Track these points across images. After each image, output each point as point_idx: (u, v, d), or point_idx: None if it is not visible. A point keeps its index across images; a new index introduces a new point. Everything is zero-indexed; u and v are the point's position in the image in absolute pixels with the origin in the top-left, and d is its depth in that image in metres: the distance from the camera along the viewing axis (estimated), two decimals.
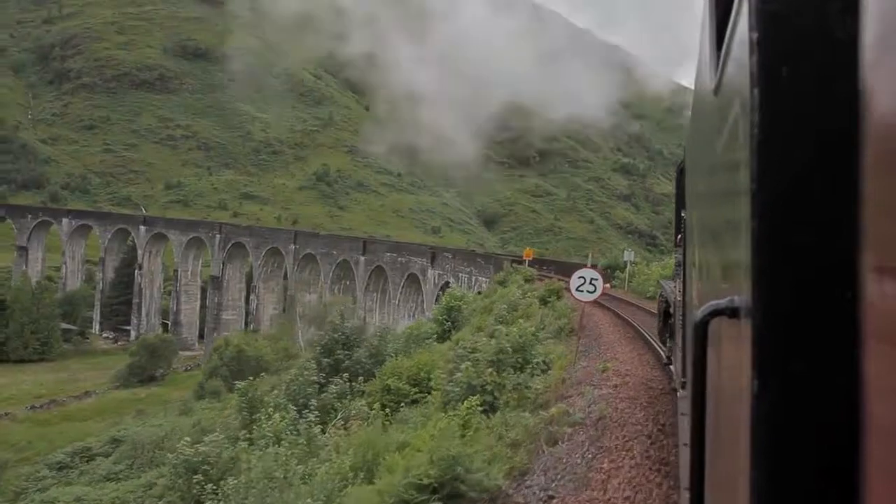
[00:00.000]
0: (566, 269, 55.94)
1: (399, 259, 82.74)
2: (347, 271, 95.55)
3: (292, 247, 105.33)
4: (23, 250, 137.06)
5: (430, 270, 73.32)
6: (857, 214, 1.33)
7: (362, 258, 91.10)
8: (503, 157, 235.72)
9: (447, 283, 69.38)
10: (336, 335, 31.95)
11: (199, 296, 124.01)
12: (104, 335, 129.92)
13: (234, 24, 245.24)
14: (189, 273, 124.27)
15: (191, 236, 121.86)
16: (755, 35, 1.51)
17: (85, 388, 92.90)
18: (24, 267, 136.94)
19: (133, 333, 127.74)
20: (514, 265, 52.53)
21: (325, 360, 30.98)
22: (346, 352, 30.75)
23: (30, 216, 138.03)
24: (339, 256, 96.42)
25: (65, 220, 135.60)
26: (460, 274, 66.74)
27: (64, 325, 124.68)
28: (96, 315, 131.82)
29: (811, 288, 1.43)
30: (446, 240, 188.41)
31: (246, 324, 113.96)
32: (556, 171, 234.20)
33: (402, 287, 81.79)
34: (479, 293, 47.09)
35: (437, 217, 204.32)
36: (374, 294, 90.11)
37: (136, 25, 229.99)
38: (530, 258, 52.06)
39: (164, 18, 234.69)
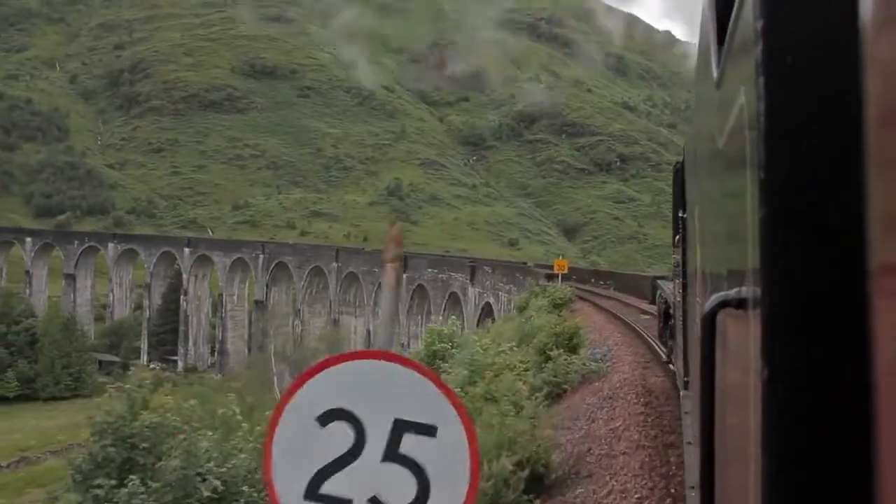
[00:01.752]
0: (633, 285, 40.92)
1: (440, 276, 68.97)
2: None
3: (335, 265, 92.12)
4: (70, 278, 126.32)
5: (470, 289, 59.17)
6: (865, 202, 1.30)
7: (404, 276, 77.26)
8: (583, 164, 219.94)
9: (488, 305, 55.65)
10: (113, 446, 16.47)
11: (246, 322, 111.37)
12: (151, 366, 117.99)
13: (304, 41, 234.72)
14: (235, 297, 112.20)
15: (235, 258, 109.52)
16: (760, 23, 1.48)
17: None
18: (71, 296, 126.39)
19: (180, 364, 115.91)
20: (544, 282, 37.90)
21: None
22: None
23: (76, 242, 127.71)
24: (380, 274, 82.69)
25: (111, 245, 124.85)
26: (500, 293, 52.50)
27: (107, 357, 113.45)
28: (144, 345, 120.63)
29: (820, 276, 1.40)
30: (525, 252, 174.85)
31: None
32: (638, 176, 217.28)
33: (444, 309, 67.87)
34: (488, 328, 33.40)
35: (515, 228, 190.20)
36: (419, 317, 76.23)
37: (204, 46, 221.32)
38: (564, 271, 37.36)
39: (231, 38, 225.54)
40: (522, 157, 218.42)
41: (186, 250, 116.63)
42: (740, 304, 2.03)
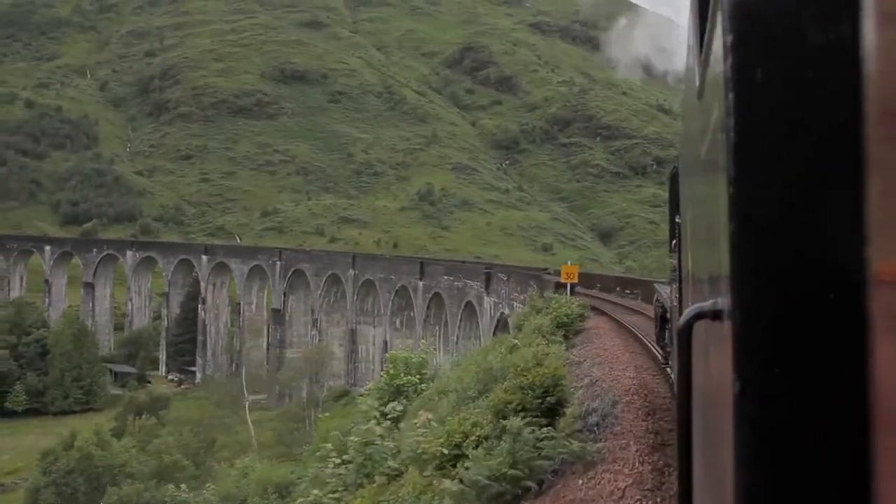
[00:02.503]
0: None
1: (455, 284, 62.80)
2: (408, 300, 75.86)
3: (351, 272, 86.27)
4: (89, 287, 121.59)
5: (485, 298, 52.93)
6: (836, 216, 1.31)
7: (420, 283, 71.39)
8: (618, 167, 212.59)
9: (504, 317, 49.46)
10: None
11: (265, 332, 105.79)
12: (169, 377, 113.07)
13: (335, 46, 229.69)
14: (253, 306, 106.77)
15: (252, 265, 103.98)
16: (729, 38, 1.47)
17: None
18: (90, 305, 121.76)
19: (198, 375, 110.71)
20: (550, 293, 31.32)
21: None
22: None
23: (95, 250, 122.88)
24: (398, 282, 76.86)
25: (129, 253, 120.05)
26: (514, 303, 46.23)
27: (122, 369, 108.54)
28: (162, 355, 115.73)
29: (791, 290, 1.40)
30: (559, 257, 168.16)
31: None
32: None
33: (461, 319, 61.72)
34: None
35: (548, 233, 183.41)
36: (436, 328, 70.13)
37: (234, 52, 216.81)
38: (573, 280, 31.03)
39: (261, 43, 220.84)
40: (556, 161, 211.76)
41: (204, 258, 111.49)
42: (716, 315, 1.99)
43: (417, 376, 20.26)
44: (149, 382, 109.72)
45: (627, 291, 43.98)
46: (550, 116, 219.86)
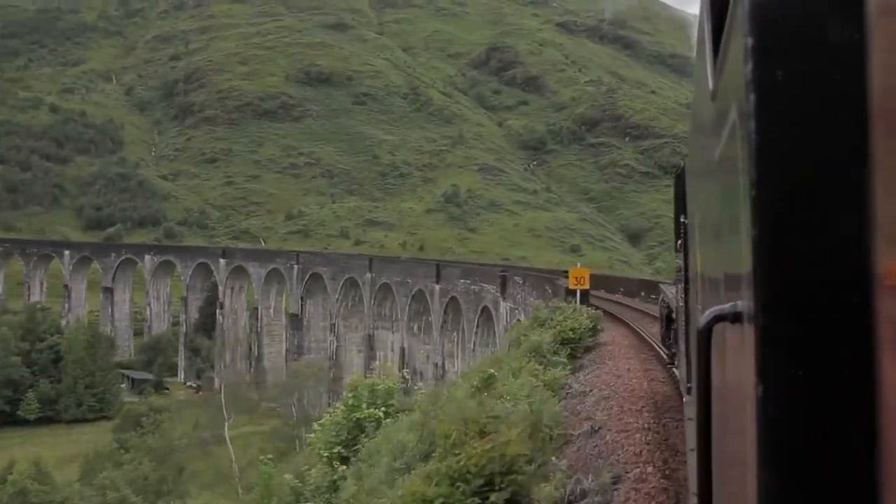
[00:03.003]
0: None
1: (472, 287, 58.71)
2: (425, 304, 71.90)
3: (368, 275, 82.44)
4: (108, 292, 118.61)
5: (501, 303, 48.88)
6: (861, 219, 1.30)
7: (437, 287, 67.35)
8: (647, 167, 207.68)
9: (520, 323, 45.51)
10: None
11: (284, 337, 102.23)
12: (188, 384, 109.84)
13: (360, 47, 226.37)
14: (271, 311, 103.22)
15: (270, 268, 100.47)
16: (750, 41, 1.46)
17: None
18: (109, 310, 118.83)
19: (217, 381, 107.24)
20: (556, 301, 27.14)
21: None
22: None
23: (113, 255, 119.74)
24: (415, 285, 72.94)
25: (147, 257, 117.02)
26: (530, 308, 42.15)
27: (140, 375, 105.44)
28: (181, 361, 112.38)
29: (813, 293, 1.39)
30: (587, 259, 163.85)
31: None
32: None
33: (477, 325, 57.63)
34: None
35: (577, 234, 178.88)
36: (454, 334, 66.14)
37: (259, 55, 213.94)
38: (584, 286, 25.05)
39: (286, 46, 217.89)
40: (584, 161, 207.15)
41: (222, 261, 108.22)
42: (736, 318, 1.99)
43: (383, 408, 16.29)
44: (166, 389, 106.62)
45: (653, 296, 39.97)
46: (578, 116, 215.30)
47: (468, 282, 59.56)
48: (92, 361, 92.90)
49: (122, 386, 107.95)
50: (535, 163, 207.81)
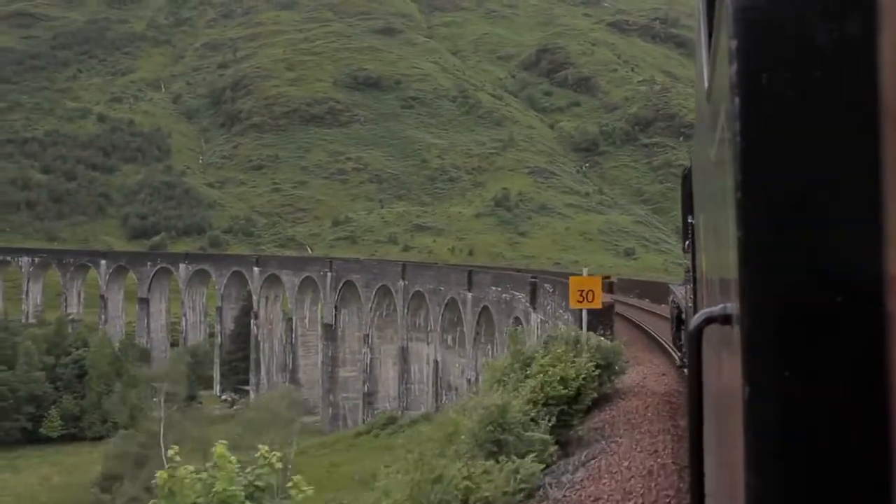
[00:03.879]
0: None
1: (503, 296, 51.48)
2: (458, 314, 64.76)
3: (401, 283, 75.57)
4: (144, 302, 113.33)
5: (532, 314, 41.68)
6: (846, 222, 1.31)
7: (469, 295, 60.22)
8: None
9: (549, 339, 38.55)
10: None
11: (319, 348, 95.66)
12: (223, 397, 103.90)
13: (409, 51, 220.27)
14: (306, 321, 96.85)
15: (303, 276, 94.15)
16: (734, 43, 1.44)
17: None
18: (145, 321, 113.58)
19: (252, 395, 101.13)
20: (565, 323, 19.58)
21: None
22: None
23: (149, 264, 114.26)
24: (447, 293, 65.79)
25: (182, 266, 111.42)
26: (559, 321, 35.29)
27: (172, 388, 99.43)
28: (216, 374, 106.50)
29: (799, 295, 1.38)
30: (641, 262, 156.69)
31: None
32: None
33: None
34: None
35: (631, 237, 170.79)
36: (487, 346, 58.87)
37: (306, 60, 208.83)
38: (594, 304, 15.30)
39: (333, 51, 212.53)
40: (638, 162, 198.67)
41: (256, 269, 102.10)
42: (725, 320, 1.98)
43: (260, 485, 9.58)
44: (199, 404, 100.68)
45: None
46: (631, 116, 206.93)
47: (499, 289, 52.41)
48: (116, 376, 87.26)
49: (155, 400, 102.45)
50: (587, 164, 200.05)
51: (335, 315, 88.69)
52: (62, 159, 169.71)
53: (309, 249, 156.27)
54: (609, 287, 49.01)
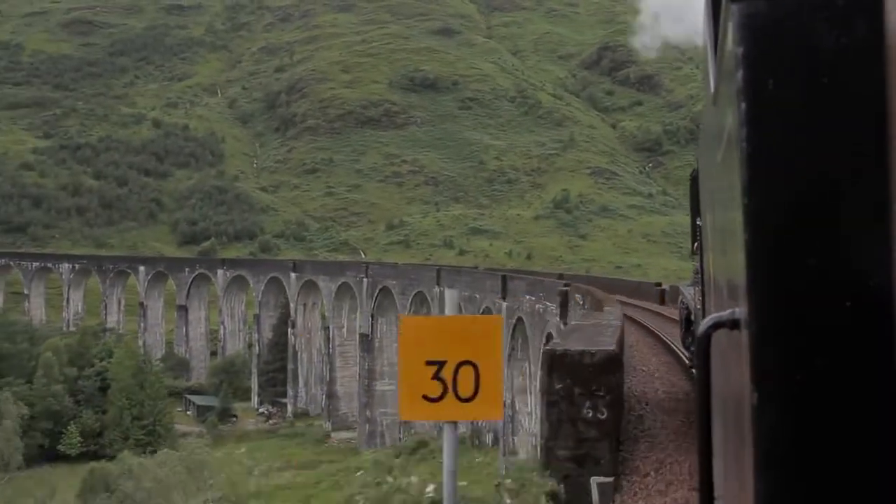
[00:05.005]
0: None
1: (537, 306, 42.85)
2: None
3: (437, 289, 67.19)
4: (182, 310, 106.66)
5: (562, 327, 33.24)
6: (853, 227, 1.29)
7: (504, 305, 51.57)
8: None
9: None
10: None
11: (357, 359, 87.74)
12: (260, 410, 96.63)
13: (467, 52, 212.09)
14: (344, 330, 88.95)
15: (340, 282, 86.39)
16: (740, 49, 1.42)
17: None
18: (184, 329, 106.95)
19: (289, 408, 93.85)
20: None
21: None
22: None
23: (187, 270, 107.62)
24: (482, 302, 57.19)
25: (220, 272, 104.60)
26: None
27: (205, 401, 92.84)
28: (254, 385, 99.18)
29: (807, 299, 1.37)
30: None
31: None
32: None
33: (543, 352, 42.15)
34: None
35: None
36: (524, 364, 50.19)
37: (362, 62, 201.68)
38: (496, 414, 8.58)
39: (389, 52, 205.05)
40: None
41: (293, 275, 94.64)
42: (734, 325, 1.97)
43: None
44: (234, 417, 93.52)
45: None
46: (696, 115, 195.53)
47: (533, 299, 43.86)
48: (140, 389, 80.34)
49: (189, 413, 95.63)
50: (650, 165, 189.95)
51: (371, 324, 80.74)
52: (114, 165, 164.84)
53: (362, 254, 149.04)
54: (661, 296, 39.98)
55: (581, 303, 28.31)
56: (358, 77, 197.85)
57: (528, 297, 45.35)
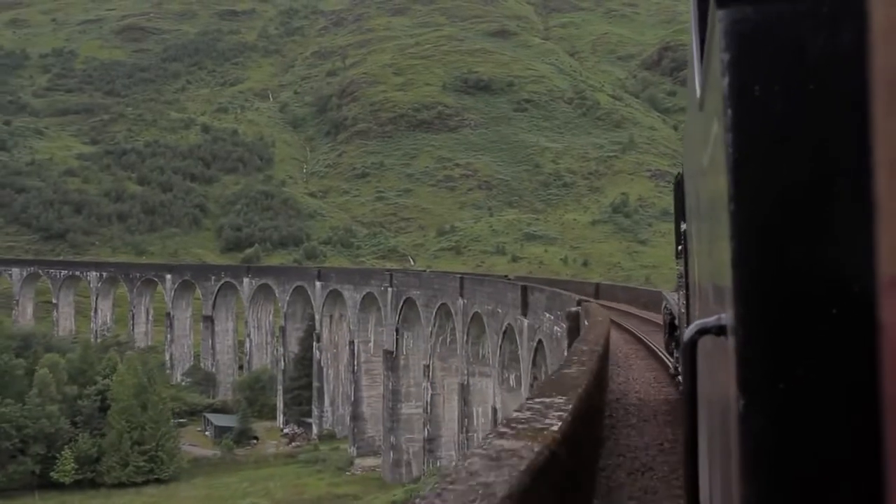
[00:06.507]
0: None
1: (555, 328, 31.77)
2: (515, 345, 45.05)
3: (460, 301, 56.34)
4: (208, 321, 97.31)
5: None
6: (838, 233, 1.27)
7: (525, 322, 40.65)
8: None
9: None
10: None
11: (381, 378, 77.20)
12: (284, 430, 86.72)
13: (524, 53, 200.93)
14: (371, 345, 78.50)
15: (364, 292, 75.98)
16: (726, 56, 1.39)
17: None
18: (210, 342, 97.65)
19: (315, 429, 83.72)
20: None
21: None
22: None
23: (213, 278, 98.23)
24: (505, 318, 46.23)
25: (245, 281, 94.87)
26: None
27: (223, 421, 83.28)
28: (279, 402, 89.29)
29: (793, 305, 1.34)
30: None
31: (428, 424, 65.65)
32: None
33: None
34: None
35: None
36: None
37: (415, 65, 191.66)
38: None
39: (443, 54, 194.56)
40: None
41: (318, 284, 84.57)
42: (720, 331, 1.93)
43: None
44: (254, 439, 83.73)
45: None
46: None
47: (551, 317, 33.03)
48: (142, 410, 70.81)
49: (207, 434, 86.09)
50: None
51: (396, 339, 70.18)
52: (159, 170, 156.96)
53: (411, 261, 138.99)
54: None
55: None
56: (410, 79, 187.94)
57: (547, 314, 34.38)
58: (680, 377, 13.39)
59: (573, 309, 22.63)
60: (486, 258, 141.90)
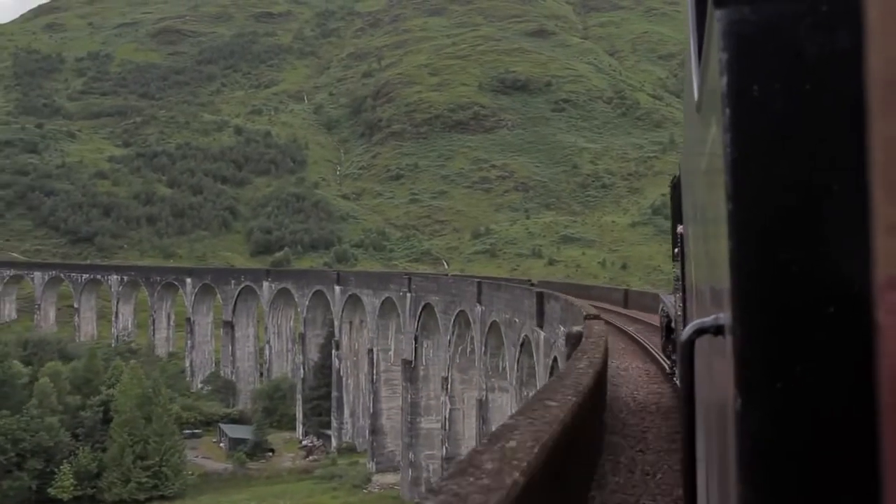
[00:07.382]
0: None
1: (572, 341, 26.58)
2: (533, 359, 39.04)
3: (478, 308, 50.35)
4: (228, 326, 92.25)
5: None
6: (836, 234, 1.27)
7: (542, 335, 34.66)
8: None
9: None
10: None
11: (400, 390, 71.17)
12: (303, 442, 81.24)
13: (562, 52, 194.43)
14: (391, 353, 72.78)
15: (383, 297, 70.24)
16: (725, 56, 1.38)
17: None
18: (230, 348, 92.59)
19: (334, 442, 78.12)
20: None
21: None
22: None
23: (233, 282, 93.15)
24: (522, 328, 40.17)
25: (265, 284, 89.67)
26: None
27: (238, 433, 77.98)
28: (298, 413, 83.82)
29: (791, 305, 1.33)
30: None
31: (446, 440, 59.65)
32: None
33: None
34: None
35: None
36: None
37: (450, 65, 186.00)
38: None
39: (479, 54, 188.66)
40: None
41: (337, 288, 78.96)
42: (717, 331, 1.92)
43: None
44: (270, 452, 78.33)
45: None
46: None
47: (565, 329, 27.25)
48: (146, 423, 65.64)
49: (222, 446, 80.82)
50: None
51: (415, 348, 64.32)
52: (189, 173, 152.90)
53: (445, 265, 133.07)
54: None
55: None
56: (446, 80, 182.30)
57: (561, 328, 28.39)
58: (677, 379, 13.45)
59: (576, 329, 16.67)
60: (521, 261, 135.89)
